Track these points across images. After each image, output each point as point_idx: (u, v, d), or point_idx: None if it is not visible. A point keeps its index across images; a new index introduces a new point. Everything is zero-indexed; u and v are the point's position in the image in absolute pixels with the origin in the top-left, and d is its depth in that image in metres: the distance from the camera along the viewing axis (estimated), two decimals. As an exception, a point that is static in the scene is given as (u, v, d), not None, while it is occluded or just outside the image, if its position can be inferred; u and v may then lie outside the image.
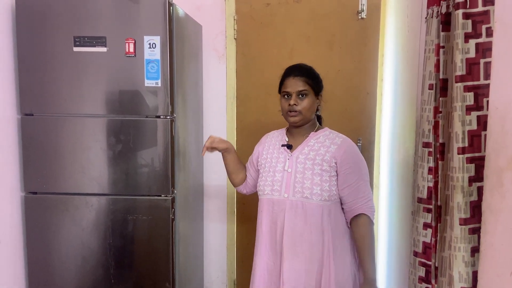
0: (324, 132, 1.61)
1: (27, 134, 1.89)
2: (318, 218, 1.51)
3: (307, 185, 1.52)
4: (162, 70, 1.80)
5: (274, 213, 1.57)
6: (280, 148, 1.63)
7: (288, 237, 1.54)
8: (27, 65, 1.85)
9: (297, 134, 1.61)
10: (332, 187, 1.52)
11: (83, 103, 1.85)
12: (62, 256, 1.93)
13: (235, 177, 1.77)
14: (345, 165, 1.52)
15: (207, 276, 2.64)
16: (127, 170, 1.88)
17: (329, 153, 1.53)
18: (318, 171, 1.52)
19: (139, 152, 1.87)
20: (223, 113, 2.51)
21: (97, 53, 1.80)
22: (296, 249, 1.53)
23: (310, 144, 1.57)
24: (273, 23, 2.44)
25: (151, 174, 1.88)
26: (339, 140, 1.57)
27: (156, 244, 1.91)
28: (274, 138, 1.69)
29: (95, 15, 1.80)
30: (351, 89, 2.39)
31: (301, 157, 1.56)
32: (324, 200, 1.51)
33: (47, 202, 1.91)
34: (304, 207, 1.52)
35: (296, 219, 1.53)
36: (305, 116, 1.55)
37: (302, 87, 1.53)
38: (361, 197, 1.52)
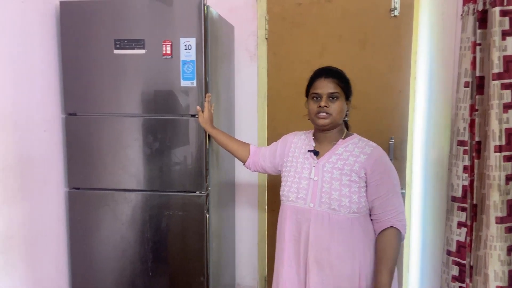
0: (353, 139, 1.54)
1: (71, 133, 1.99)
2: (346, 231, 1.45)
3: (334, 196, 1.45)
4: (197, 70, 1.86)
5: (298, 221, 1.52)
6: (306, 153, 1.57)
7: (314, 249, 1.48)
8: (70, 68, 1.95)
9: (324, 140, 1.55)
10: (361, 199, 1.46)
11: (123, 103, 1.94)
12: (103, 249, 2.03)
13: (235, 154, 1.87)
14: (376, 176, 1.45)
15: (238, 272, 2.70)
16: (163, 167, 1.95)
17: (359, 163, 1.46)
18: (347, 181, 1.46)
19: (175, 150, 1.93)
20: (254, 111, 2.56)
21: (136, 55, 1.88)
22: (323, 263, 1.47)
23: (338, 153, 1.51)
24: (305, 23, 2.46)
25: (186, 171, 1.94)
26: (369, 149, 1.49)
27: (191, 239, 1.98)
28: (300, 141, 1.64)
29: (134, 18, 1.87)
30: (383, 88, 2.38)
31: (328, 166, 1.50)
32: (353, 213, 1.45)
33: (89, 197, 2.01)
34: (330, 219, 1.46)
35: (322, 231, 1.47)
36: (335, 119, 1.49)
37: (333, 89, 1.48)
38: (390, 210, 1.45)
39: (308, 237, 1.49)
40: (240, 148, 1.86)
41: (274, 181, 2.57)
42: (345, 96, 1.51)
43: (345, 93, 1.51)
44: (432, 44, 2.26)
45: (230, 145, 1.88)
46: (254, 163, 1.81)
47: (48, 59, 1.91)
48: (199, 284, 1.99)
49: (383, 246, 1.44)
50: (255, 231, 2.64)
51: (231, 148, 1.88)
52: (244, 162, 1.84)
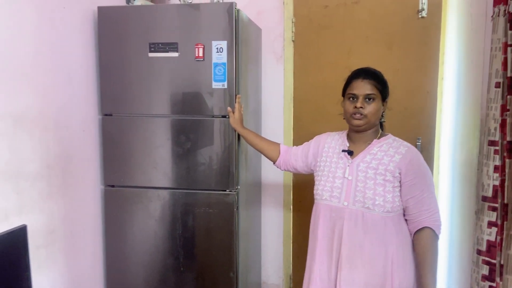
0: (387, 140, 1.55)
1: (107, 133, 2.08)
2: (380, 230, 1.47)
3: (369, 195, 1.47)
4: (228, 72, 1.92)
5: (332, 219, 1.55)
6: (340, 153, 1.59)
7: (347, 247, 1.50)
8: (107, 70, 2.03)
9: (359, 140, 1.57)
10: (395, 198, 1.47)
11: (156, 104, 2.01)
12: (136, 244, 2.10)
13: (265, 154, 1.90)
14: (410, 176, 1.46)
15: (264, 270, 2.74)
16: (194, 166, 2.01)
17: (393, 163, 1.48)
18: (381, 181, 1.47)
19: (205, 149, 1.99)
20: (280, 112, 2.60)
21: (169, 58, 1.95)
22: (356, 260, 1.49)
23: (372, 152, 1.52)
24: (331, 25, 2.49)
25: (216, 170, 2.00)
26: (403, 149, 1.50)
27: (220, 236, 2.03)
28: (334, 141, 1.66)
29: (168, 23, 1.95)
30: (410, 88, 2.38)
31: (362, 165, 1.51)
32: (387, 212, 1.46)
33: (124, 194, 2.09)
34: (364, 217, 1.48)
35: (356, 229, 1.49)
36: (370, 121, 1.50)
37: (370, 91, 1.48)
38: (425, 210, 1.45)
39: (341, 235, 1.51)
40: (270, 147, 1.90)
41: (300, 181, 2.61)
42: (381, 98, 1.52)
43: (382, 94, 1.51)
44: (461, 45, 2.26)
45: (260, 144, 1.92)
46: (285, 162, 1.85)
47: (86, 63, 2.01)
48: (229, 280, 2.04)
49: (422, 250, 1.45)
50: (281, 230, 2.69)
51: (261, 148, 1.92)
52: (274, 161, 1.88)
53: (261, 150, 1.93)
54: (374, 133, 1.56)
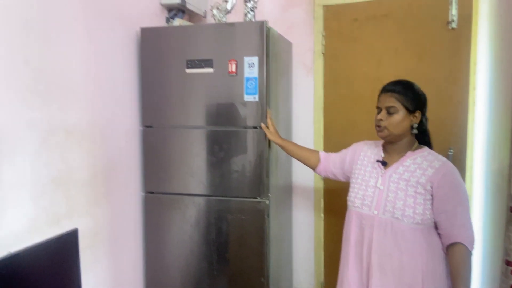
0: (422, 152, 1.57)
1: (147, 143, 2.24)
2: (409, 240, 1.50)
3: (398, 206, 1.51)
4: (259, 86, 2.02)
5: (362, 227, 1.60)
6: (374, 162, 1.64)
7: (376, 254, 1.54)
8: (148, 85, 2.19)
9: (393, 151, 1.61)
10: (426, 211, 1.49)
11: (193, 116, 2.14)
12: (173, 247, 2.24)
13: (306, 163, 1.98)
14: (442, 190, 1.48)
15: (295, 276, 2.80)
16: (227, 174, 2.13)
17: (426, 176, 1.50)
18: (412, 193, 1.50)
19: (238, 158, 2.10)
20: (311, 123, 2.68)
21: (205, 74, 2.09)
22: (385, 267, 1.53)
23: (405, 164, 1.56)
24: (361, 37, 2.55)
25: (248, 178, 2.10)
26: (437, 163, 1.52)
27: (252, 242, 2.12)
28: (370, 151, 1.71)
29: (204, 41, 2.08)
30: (441, 99, 2.39)
31: (395, 176, 1.55)
32: (417, 223, 1.49)
33: (162, 200, 2.24)
34: (393, 227, 1.51)
35: (385, 238, 1.53)
36: (391, 133, 1.54)
37: (390, 103, 1.54)
38: (458, 225, 1.46)
39: (371, 243, 1.56)
40: (310, 155, 1.98)
41: (331, 186, 2.67)
42: (406, 109, 1.54)
43: (405, 106, 1.54)
44: (492, 55, 2.26)
45: (300, 153, 2.01)
46: (325, 169, 1.92)
47: (130, 79, 2.18)
48: (260, 285, 2.12)
49: (456, 265, 1.45)
50: (312, 236, 2.74)
51: (301, 156, 2.01)
52: (315, 168, 1.96)
53: (301, 159, 2.01)
54: (407, 145, 1.59)
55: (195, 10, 2.55)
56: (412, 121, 1.57)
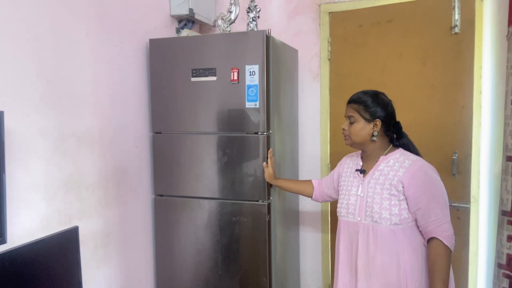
0: (395, 155, 1.63)
1: (157, 148, 2.36)
2: (390, 241, 1.55)
3: (376, 210, 1.58)
4: (260, 93, 2.10)
5: (350, 234, 1.68)
6: (355, 172, 1.73)
7: (362, 259, 1.62)
8: (157, 93, 2.32)
9: (368, 158, 1.70)
10: (402, 211, 1.55)
11: (199, 123, 2.25)
12: (181, 247, 2.34)
13: (302, 194, 2.08)
14: (412, 189, 1.53)
15: (303, 278, 2.86)
16: (231, 178, 2.22)
17: (397, 177, 1.56)
18: (387, 195, 1.57)
19: (241, 163, 2.19)
20: (317, 127, 2.73)
21: (208, 82, 2.19)
22: (370, 271, 1.60)
23: (380, 169, 1.63)
24: (365, 43, 2.58)
25: (251, 182, 2.18)
26: (408, 162, 1.58)
27: (255, 243, 2.20)
28: (352, 162, 1.80)
29: (208, 51, 2.19)
30: (445, 103, 2.40)
31: (372, 182, 1.63)
32: (395, 224, 1.55)
33: (171, 203, 2.35)
34: (374, 230, 1.58)
35: (369, 242, 1.60)
36: (354, 141, 1.67)
37: (349, 113, 1.67)
38: (433, 220, 1.51)
39: (357, 248, 1.64)
40: (304, 186, 2.09)
41: (337, 193, 2.71)
42: (363, 118, 1.64)
43: (363, 115, 1.63)
44: (494, 60, 2.26)
45: (295, 187, 2.13)
46: (321, 194, 2.02)
47: (139, 87, 2.31)
48: (263, 284, 2.20)
49: (432, 259, 1.52)
50: (319, 239, 2.79)
51: (296, 190, 2.13)
52: (311, 197, 2.06)
53: (298, 192, 2.14)
54: (380, 150, 1.67)
55: (204, 20, 2.66)
56: (372, 129, 1.63)
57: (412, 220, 1.57)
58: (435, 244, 1.51)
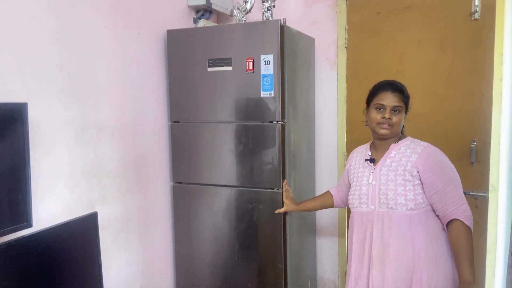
0: (405, 142, 1.66)
1: (175, 137, 2.42)
2: (405, 227, 1.57)
3: (391, 196, 1.59)
4: (274, 82, 2.12)
5: (363, 224, 1.69)
6: (364, 162, 1.73)
7: (377, 246, 1.63)
8: (174, 83, 2.37)
9: (380, 147, 1.70)
10: (417, 196, 1.56)
11: (215, 112, 2.29)
12: (199, 233, 2.41)
13: (326, 206, 2.08)
14: (428, 173, 1.55)
15: (319, 266, 2.89)
16: (248, 166, 2.26)
17: (410, 163, 1.58)
18: (401, 181, 1.58)
19: (257, 151, 2.23)
20: (334, 116, 2.73)
21: (224, 72, 2.22)
22: (384, 258, 1.61)
23: (391, 156, 1.64)
24: (383, 30, 2.56)
25: (267, 170, 2.22)
26: (420, 148, 1.60)
27: (270, 230, 2.25)
28: (359, 154, 1.81)
29: (224, 41, 2.21)
30: (464, 91, 2.36)
31: (384, 169, 1.64)
32: (410, 209, 1.56)
33: (189, 190, 2.42)
34: (390, 217, 1.60)
35: (384, 229, 1.61)
36: (395, 131, 1.64)
37: (397, 103, 1.61)
38: (451, 203, 1.53)
39: (371, 237, 1.65)
40: (324, 199, 2.09)
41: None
42: (405, 109, 1.65)
43: (406, 106, 1.65)
44: (515, 46, 2.20)
45: (317, 205, 2.13)
46: (341, 199, 2.01)
47: (157, 78, 2.37)
48: (278, 270, 2.25)
49: (455, 241, 1.54)
50: (336, 227, 2.81)
51: (320, 206, 2.13)
52: (334, 206, 2.07)
53: (321, 208, 2.14)
54: (394, 139, 1.69)
55: (221, 10, 2.68)
56: (405, 120, 1.68)
57: (427, 205, 1.58)
58: (456, 226, 1.53)
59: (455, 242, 1.53)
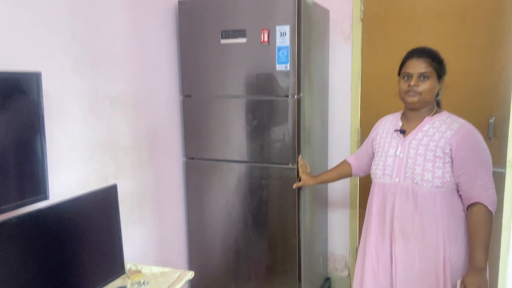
0: (441, 116, 1.58)
1: (187, 112, 2.38)
2: (430, 204, 1.52)
3: (417, 171, 1.53)
4: (291, 55, 2.07)
5: (384, 196, 1.63)
6: (393, 133, 1.65)
7: (399, 220, 1.58)
8: (186, 57, 2.31)
9: (412, 118, 1.62)
10: (446, 174, 1.50)
11: (228, 86, 2.24)
12: (212, 209, 2.40)
13: (343, 176, 2.03)
14: (461, 152, 1.49)
15: (331, 241, 2.89)
16: (261, 142, 2.22)
17: (444, 139, 1.51)
18: (431, 157, 1.51)
19: (271, 127, 2.19)
20: (348, 91, 2.67)
21: (238, 44, 2.16)
22: (408, 232, 1.57)
23: (424, 129, 1.57)
24: (400, 2, 2.47)
25: (280, 145, 2.18)
26: (456, 125, 1.52)
27: (284, 206, 2.23)
28: (388, 123, 1.72)
29: (237, 12, 2.15)
30: (483, 65, 2.30)
31: (414, 143, 1.57)
32: (436, 187, 1.51)
33: (201, 166, 2.39)
34: (414, 192, 1.54)
35: (407, 203, 1.56)
36: (424, 98, 1.54)
37: (424, 69, 1.52)
38: (479, 185, 1.48)
39: (393, 210, 1.61)
40: (341, 169, 2.03)
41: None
42: (437, 76, 1.55)
43: (437, 72, 1.55)
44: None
45: (335, 175, 2.07)
46: (360, 167, 1.96)
47: (169, 51, 2.31)
48: (292, 245, 2.24)
49: (474, 225, 1.49)
50: (347, 203, 2.80)
51: (338, 176, 2.06)
52: (352, 175, 2.01)
53: (339, 178, 2.08)
54: (428, 111, 1.60)
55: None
56: (438, 87, 1.57)
57: (453, 184, 1.53)
58: (478, 210, 1.48)
59: (474, 225, 1.49)
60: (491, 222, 1.49)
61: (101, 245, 1.49)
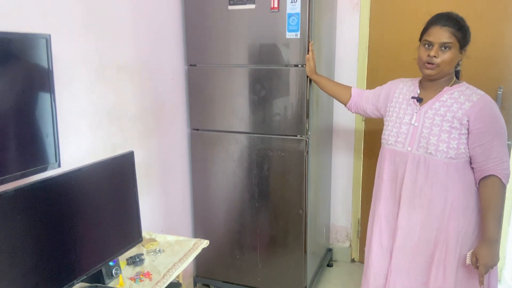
0: (460, 87, 1.53)
1: (192, 82, 2.32)
2: (441, 175, 1.51)
3: (432, 141, 1.51)
4: (301, 22, 2.01)
5: (396, 163, 1.62)
6: (409, 100, 1.62)
7: (407, 189, 1.58)
8: (192, 25, 2.23)
9: (430, 87, 1.57)
10: (460, 145, 1.48)
11: (235, 55, 2.18)
12: (218, 181, 2.38)
13: (337, 97, 1.98)
14: (479, 124, 1.45)
15: (334, 212, 2.91)
16: (268, 113, 2.19)
17: (462, 110, 1.47)
18: (447, 128, 1.49)
19: (279, 97, 2.15)
20: (355, 62, 2.63)
21: (247, 10, 2.09)
22: (414, 201, 1.57)
23: (442, 99, 1.53)
24: (411, -31, 2.41)
25: (288, 117, 2.15)
26: (475, 97, 1.48)
27: (292, 178, 2.22)
28: (406, 88, 1.67)
29: (246, -24, 2.06)
30: (492, 36, 2.27)
31: (430, 112, 1.54)
32: (450, 158, 1.49)
33: (207, 137, 2.35)
34: (426, 162, 1.53)
35: (418, 173, 1.55)
36: (442, 70, 1.48)
37: (447, 39, 1.44)
38: (493, 158, 1.45)
39: (403, 178, 1.60)
40: (342, 91, 1.97)
41: (371, 128, 2.67)
42: (459, 46, 1.47)
43: (460, 42, 1.47)
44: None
45: (333, 89, 2.00)
46: (356, 105, 1.91)
47: (174, 18, 2.23)
48: (298, 216, 2.24)
49: (487, 197, 1.48)
50: (351, 175, 2.80)
51: (333, 92, 2.00)
52: (346, 104, 1.96)
53: (333, 94, 2.01)
54: (447, 81, 1.55)
55: None
56: (459, 57, 1.52)
57: (467, 156, 1.51)
58: (492, 182, 1.47)
59: (487, 197, 1.48)
60: (504, 195, 1.48)
61: (118, 213, 1.47)
